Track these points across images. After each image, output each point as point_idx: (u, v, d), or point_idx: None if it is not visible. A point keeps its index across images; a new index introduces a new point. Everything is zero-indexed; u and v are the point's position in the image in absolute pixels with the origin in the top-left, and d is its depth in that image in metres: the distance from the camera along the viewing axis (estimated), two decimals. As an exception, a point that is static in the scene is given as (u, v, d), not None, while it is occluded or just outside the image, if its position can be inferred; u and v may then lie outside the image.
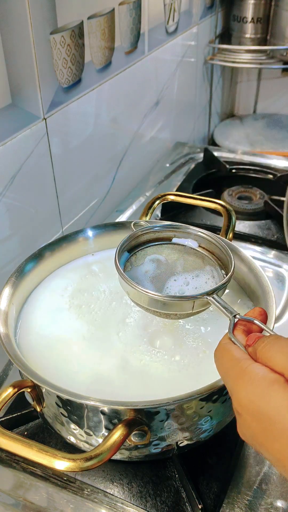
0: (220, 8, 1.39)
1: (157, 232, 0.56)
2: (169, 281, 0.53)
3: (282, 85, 1.62)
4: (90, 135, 0.86)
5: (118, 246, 0.52)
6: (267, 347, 0.36)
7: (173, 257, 0.55)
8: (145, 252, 0.55)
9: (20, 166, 0.69)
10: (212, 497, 0.51)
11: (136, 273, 0.53)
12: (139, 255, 0.55)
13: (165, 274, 0.54)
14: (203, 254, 0.54)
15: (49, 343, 0.54)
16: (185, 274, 0.54)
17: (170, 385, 0.49)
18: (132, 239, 0.54)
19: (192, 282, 0.53)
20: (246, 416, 0.35)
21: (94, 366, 0.51)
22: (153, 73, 1.06)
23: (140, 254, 0.55)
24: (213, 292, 0.47)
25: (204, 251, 0.54)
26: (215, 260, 0.54)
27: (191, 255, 0.55)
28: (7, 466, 0.56)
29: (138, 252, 0.55)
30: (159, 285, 0.53)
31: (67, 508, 0.52)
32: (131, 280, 0.48)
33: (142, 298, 0.48)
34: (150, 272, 0.54)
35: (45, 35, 0.67)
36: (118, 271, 0.49)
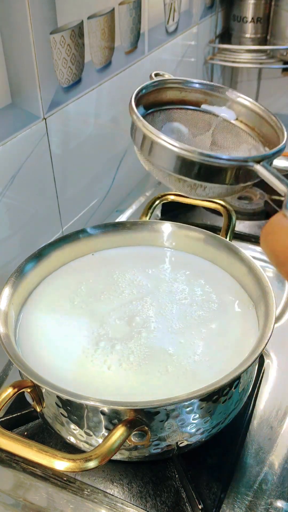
0: (220, 8, 1.39)
1: (184, 90, 0.42)
2: None
3: (282, 85, 1.62)
4: (90, 135, 0.86)
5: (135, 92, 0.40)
6: None
7: (200, 129, 0.42)
8: (164, 115, 0.42)
9: (20, 166, 0.69)
10: (212, 497, 0.51)
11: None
12: (157, 118, 0.41)
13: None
14: (240, 128, 0.42)
15: (49, 343, 0.54)
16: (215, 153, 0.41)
17: (170, 385, 0.49)
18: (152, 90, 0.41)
19: None
20: None
21: (95, 365, 0.51)
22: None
23: (157, 116, 0.41)
24: (262, 159, 0.36)
25: (242, 124, 0.42)
26: (256, 136, 0.42)
27: (224, 128, 0.42)
28: (7, 466, 0.56)
29: (154, 112, 0.41)
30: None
31: (67, 508, 0.52)
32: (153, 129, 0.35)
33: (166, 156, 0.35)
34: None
35: (45, 35, 0.67)
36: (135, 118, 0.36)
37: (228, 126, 0.42)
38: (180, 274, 0.62)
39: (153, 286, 0.60)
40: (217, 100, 0.42)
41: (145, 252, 0.65)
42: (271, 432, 0.58)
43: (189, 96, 0.42)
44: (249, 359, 0.46)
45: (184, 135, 0.42)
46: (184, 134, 0.42)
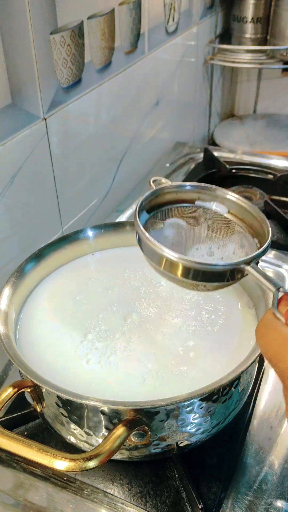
0: (220, 8, 1.39)
1: (180, 192, 0.48)
2: (191, 250, 0.47)
3: (282, 85, 1.62)
4: (90, 135, 0.86)
5: (138, 204, 0.45)
6: None
7: (196, 223, 0.48)
8: (164, 214, 0.48)
9: (20, 166, 0.69)
10: (212, 497, 0.51)
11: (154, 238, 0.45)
12: (157, 218, 0.47)
13: (186, 241, 0.47)
14: (230, 220, 0.47)
15: (49, 343, 0.54)
16: (209, 243, 0.47)
17: (170, 385, 0.49)
18: (152, 197, 0.47)
19: (218, 252, 0.47)
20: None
21: (95, 365, 0.51)
22: (153, 73, 1.06)
23: (159, 216, 0.48)
24: (251, 260, 0.41)
25: (232, 216, 0.47)
26: (245, 227, 0.46)
27: (216, 221, 0.48)
28: (7, 466, 0.56)
29: (156, 214, 0.47)
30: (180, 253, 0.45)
31: (67, 508, 0.52)
32: (158, 244, 0.41)
33: (170, 266, 0.41)
34: (170, 238, 0.47)
35: (45, 35, 0.67)
36: (139, 231, 0.42)
37: (220, 218, 0.48)
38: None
39: (153, 286, 0.60)
40: (209, 197, 0.48)
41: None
42: (271, 432, 0.58)
43: (184, 195, 0.48)
44: (249, 359, 0.46)
45: (183, 228, 0.48)
46: (183, 227, 0.48)
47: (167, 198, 0.48)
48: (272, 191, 1.04)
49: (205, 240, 0.48)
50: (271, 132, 1.51)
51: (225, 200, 0.48)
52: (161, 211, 0.48)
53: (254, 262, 0.41)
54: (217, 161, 1.13)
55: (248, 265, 0.41)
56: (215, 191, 0.48)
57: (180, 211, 0.48)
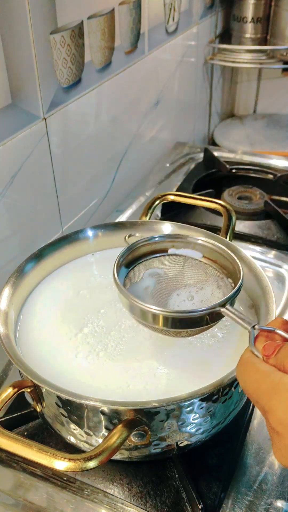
0: (220, 8, 1.39)
1: (154, 243, 0.52)
2: (172, 296, 0.50)
3: (282, 85, 1.62)
4: (90, 135, 0.86)
5: (115, 262, 0.49)
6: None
7: (174, 270, 0.52)
8: (142, 266, 0.52)
9: (20, 166, 0.69)
10: (212, 497, 0.51)
11: (136, 290, 0.50)
12: (137, 270, 0.51)
13: (166, 288, 0.51)
14: (205, 264, 0.51)
15: (49, 343, 0.54)
16: (189, 287, 0.50)
17: (170, 385, 0.49)
18: (129, 253, 0.51)
19: (197, 295, 0.50)
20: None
21: (94, 365, 0.51)
22: (153, 73, 1.06)
23: (138, 269, 0.51)
24: (225, 302, 0.43)
25: (206, 260, 0.51)
26: (219, 268, 0.50)
27: (192, 266, 0.52)
28: (7, 466, 0.56)
29: (135, 267, 0.51)
30: (161, 301, 0.50)
31: (67, 508, 0.52)
32: (135, 299, 0.44)
33: (149, 317, 0.45)
34: (151, 288, 0.50)
35: (45, 35, 0.67)
36: (119, 289, 0.46)
37: (195, 263, 0.51)
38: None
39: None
40: (182, 244, 0.52)
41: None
42: (271, 432, 0.58)
43: (158, 246, 0.52)
44: (249, 359, 0.46)
45: (162, 276, 0.51)
46: (162, 275, 0.51)
47: (143, 251, 0.52)
48: (272, 191, 1.04)
49: (185, 285, 0.51)
50: (271, 132, 1.51)
51: (197, 245, 0.52)
52: (139, 263, 0.51)
53: (228, 303, 0.43)
54: (217, 161, 1.13)
55: (223, 307, 0.43)
56: (186, 238, 0.52)
57: (157, 261, 0.52)
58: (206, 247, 0.51)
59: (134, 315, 0.47)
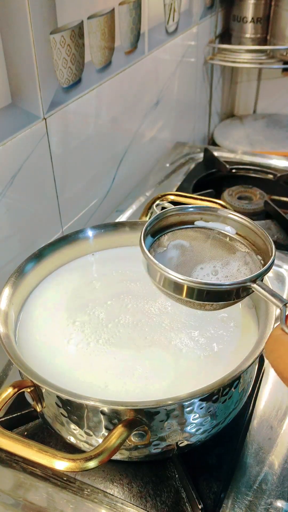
0: (220, 8, 1.39)
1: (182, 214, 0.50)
2: (195, 270, 0.48)
3: (282, 85, 1.62)
4: (90, 135, 0.86)
5: (143, 230, 0.47)
6: None
7: (200, 243, 0.50)
8: (168, 237, 0.50)
9: (20, 166, 0.69)
10: (212, 497, 0.51)
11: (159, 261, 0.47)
12: (162, 241, 0.50)
13: (190, 261, 0.49)
14: (233, 239, 0.49)
15: (49, 343, 0.54)
16: (213, 261, 0.48)
17: (170, 385, 0.49)
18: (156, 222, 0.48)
19: (222, 270, 0.48)
20: None
21: (94, 365, 0.51)
22: (153, 73, 1.06)
23: (163, 239, 0.50)
24: (257, 278, 0.41)
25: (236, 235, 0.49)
26: (249, 244, 0.48)
27: (219, 240, 0.49)
28: (7, 466, 0.56)
29: (160, 237, 0.49)
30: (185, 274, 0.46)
31: (67, 508, 0.52)
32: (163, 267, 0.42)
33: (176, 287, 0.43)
34: (175, 259, 0.49)
35: (45, 35, 0.67)
36: (146, 258, 0.44)
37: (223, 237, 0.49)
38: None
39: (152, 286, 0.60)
40: (211, 218, 0.50)
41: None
42: (271, 432, 0.58)
43: (186, 217, 0.50)
44: (249, 359, 0.46)
45: (187, 248, 0.49)
46: (187, 248, 0.49)
47: (170, 221, 0.50)
48: (272, 191, 1.04)
49: (209, 259, 0.49)
50: (271, 132, 1.51)
51: (227, 220, 0.49)
52: (165, 233, 0.50)
53: (259, 279, 0.42)
54: (217, 161, 1.13)
55: (254, 282, 0.42)
56: (217, 211, 0.50)
57: (184, 232, 0.50)
58: (236, 222, 0.49)
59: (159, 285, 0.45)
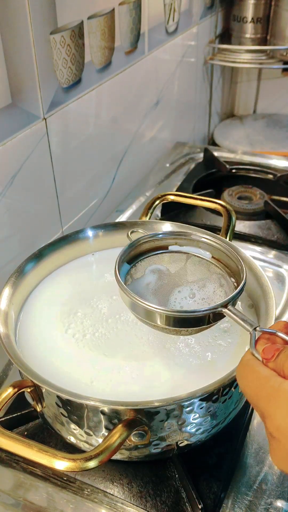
0: (220, 8, 1.39)
1: (157, 240, 0.52)
2: (173, 293, 0.50)
3: (282, 85, 1.62)
4: (90, 135, 0.86)
5: (118, 258, 0.49)
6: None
7: (176, 267, 0.51)
8: (145, 263, 0.51)
9: (20, 166, 0.69)
10: (212, 497, 0.51)
11: (137, 287, 0.50)
12: (139, 267, 0.51)
13: (168, 285, 0.51)
14: (208, 262, 0.51)
15: (49, 343, 0.54)
16: (190, 285, 0.50)
17: (170, 385, 0.49)
18: (131, 249, 0.50)
19: (199, 293, 0.50)
20: (286, 441, 0.31)
21: (94, 365, 0.51)
22: (153, 73, 1.06)
23: (140, 265, 0.51)
24: (228, 303, 0.43)
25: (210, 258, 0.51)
26: (222, 267, 0.50)
27: (195, 263, 0.51)
28: (7, 466, 0.56)
29: (137, 263, 0.51)
30: (163, 298, 0.50)
31: (67, 508, 0.52)
32: (136, 296, 0.44)
33: (150, 316, 0.45)
34: (152, 284, 0.50)
35: (45, 35, 0.67)
36: (120, 286, 0.46)
37: (198, 260, 0.51)
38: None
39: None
40: (185, 242, 0.52)
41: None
42: (271, 432, 0.58)
43: (161, 243, 0.52)
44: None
45: (164, 273, 0.51)
46: (164, 272, 0.51)
47: (145, 248, 0.51)
48: (272, 191, 1.04)
49: (186, 282, 0.50)
50: (271, 132, 1.51)
51: (200, 243, 0.51)
52: (141, 260, 0.51)
53: (230, 303, 0.43)
54: (217, 161, 1.13)
55: (226, 307, 0.43)
56: (190, 236, 0.51)
57: (159, 257, 0.52)
58: (209, 245, 0.51)
59: (135, 312, 0.47)
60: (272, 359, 0.35)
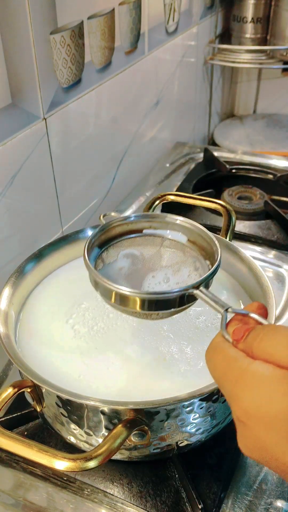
0: (220, 8, 1.39)
1: (130, 223, 0.49)
2: (147, 278, 0.48)
3: (282, 85, 1.62)
4: (90, 135, 0.86)
5: (87, 241, 0.46)
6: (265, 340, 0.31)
7: (150, 251, 0.49)
8: (117, 247, 0.49)
9: (20, 166, 0.69)
10: (212, 497, 0.51)
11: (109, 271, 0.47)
12: (111, 251, 0.49)
13: (141, 270, 0.48)
14: (183, 245, 0.48)
15: (49, 343, 0.54)
16: (165, 269, 0.48)
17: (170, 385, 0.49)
18: (102, 232, 0.48)
19: (173, 277, 0.48)
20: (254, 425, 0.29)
21: (95, 365, 0.51)
22: (153, 73, 1.06)
23: (112, 249, 0.49)
24: (199, 284, 0.41)
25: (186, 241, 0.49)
26: (198, 250, 0.47)
27: (169, 246, 0.49)
28: (7, 466, 0.56)
29: (109, 247, 0.48)
30: (136, 283, 0.47)
31: (67, 508, 0.52)
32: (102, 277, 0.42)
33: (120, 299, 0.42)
34: (125, 269, 0.48)
35: (45, 35, 0.67)
36: (88, 269, 0.43)
37: (173, 243, 0.49)
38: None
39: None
40: (159, 225, 0.49)
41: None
42: (271, 432, 0.58)
43: (135, 226, 0.49)
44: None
45: (138, 257, 0.49)
46: (138, 256, 0.49)
47: (118, 231, 0.49)
48: (272, 191, 1.04)
49: (161, 267, 0.48)
50: (271, 132, 1.51)
51: (175, 226, 0.49)
52: (113, 244, 0.49)
53: (203, 285, 0.41)
54: (217, 161, 1.13)
55: (197, 289, 0.41)
56: (164, 218, 0.49)
57: (133, 241, 0.49)
58: (184, 228, 0.48)
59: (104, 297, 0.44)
60: (242, 339, 0.33)
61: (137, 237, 0.49)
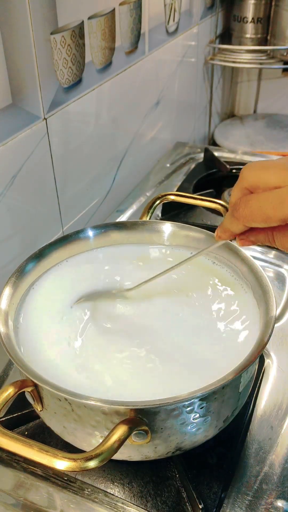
0: (221, 8, 1.39)
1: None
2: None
3: (282, 85, 1.63)
4: (90, 135, 0.86)
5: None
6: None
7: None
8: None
9: (20, 166, 0.69)
10: (213, 497, 0.51)
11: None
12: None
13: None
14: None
15: (50, 342, 0.54)
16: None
17: (171, 384, 0.49)
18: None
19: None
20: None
21: (95, 365, 0.51)
22: (154, 73, 1.06)
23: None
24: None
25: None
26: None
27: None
28: (8, 466, 0.56)
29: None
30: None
31: (68, 508, 0.52)
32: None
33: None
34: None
35: (46, 35, 0.67)
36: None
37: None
38: (179, 274, 0.62)
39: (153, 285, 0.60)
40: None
41: (145, 251, 0.66)
42: (271, 432, 0.58)
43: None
44: (249, 359, 0.46)
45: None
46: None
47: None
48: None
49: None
50: (271, 132, 1.51)
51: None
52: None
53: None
54: (218, 161, 1.13)
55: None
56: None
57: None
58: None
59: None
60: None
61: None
